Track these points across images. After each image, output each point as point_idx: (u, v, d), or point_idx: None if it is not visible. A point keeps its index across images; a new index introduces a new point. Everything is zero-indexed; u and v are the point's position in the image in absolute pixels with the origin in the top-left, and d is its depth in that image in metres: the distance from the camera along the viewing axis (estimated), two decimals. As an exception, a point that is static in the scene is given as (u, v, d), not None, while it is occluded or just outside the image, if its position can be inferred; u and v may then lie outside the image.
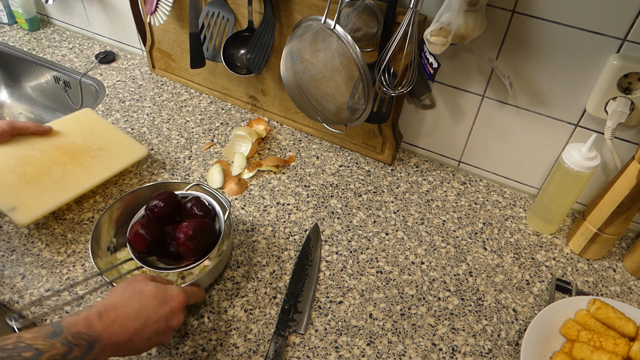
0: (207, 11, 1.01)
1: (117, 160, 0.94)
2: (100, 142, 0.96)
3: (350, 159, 1.06)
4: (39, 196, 0.85)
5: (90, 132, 0.97)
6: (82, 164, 0.91)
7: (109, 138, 0.97)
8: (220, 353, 0.74)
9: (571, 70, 0.81)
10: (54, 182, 0.88)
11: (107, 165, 0.93)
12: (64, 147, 0.93)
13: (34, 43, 1.33)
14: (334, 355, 0.75)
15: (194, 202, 0.77)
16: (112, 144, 0.96)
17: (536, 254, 0.91)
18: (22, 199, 0.84)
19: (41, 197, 0.85)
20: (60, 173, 0.89)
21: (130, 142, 0.98)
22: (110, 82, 1.21)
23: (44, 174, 0.88)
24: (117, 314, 0.58)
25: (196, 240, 0.72)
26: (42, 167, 0.89)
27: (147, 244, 0.72)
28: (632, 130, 0.84)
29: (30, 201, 0.84)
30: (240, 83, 1.13)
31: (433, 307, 0.82)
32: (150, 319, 0.61)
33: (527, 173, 0.99)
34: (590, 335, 0.74)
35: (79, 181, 0.89)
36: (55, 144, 0.93)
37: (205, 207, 0.78)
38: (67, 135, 0.95)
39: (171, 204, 0.77)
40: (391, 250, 0.89)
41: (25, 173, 0.87)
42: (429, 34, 0.76)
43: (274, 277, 0.84)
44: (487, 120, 0.95)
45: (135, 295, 0.61)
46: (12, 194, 0.84)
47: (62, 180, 0.88)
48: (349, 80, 0.84)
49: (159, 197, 0.77)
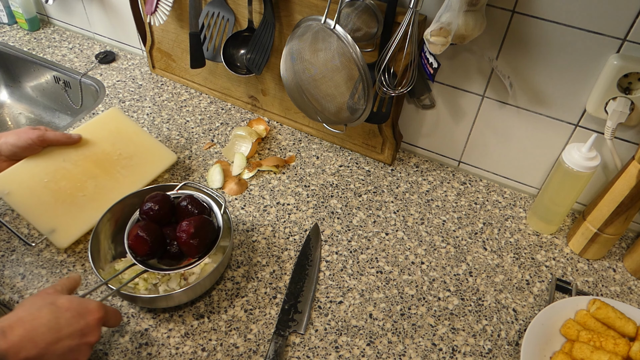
0: (207, 11, 1.01)
1: (147, 170, 0.93)
2: (129, 148, 0.94)
3: (350, 159, 1.06)
4: (75, 215, 0.84)
5: (119, 137, 0.94)
6: (113, 176, 0.90)
7: (137, 143, 0.95)
8: (220, 353, 0.74)
9: (571, 70, 0.81)
10: (88, 199, 0.86)
11: (138, 177, 0.92)
12: (94, 157, 0.90)
13: (34, 43, 1.33)
14: (334, 355, 0.75)
15: (188, 201, 0.77)
16: (140, 151, 0.95)
17: (536, 254, 0.91)
18: (60, 219, 0.82)
19: (78, 216, 0.84)
20: (93, 187, 0.87)
21: (159, 148, 0.97)
22: (110, 82, 1.21)
23: (78, 189, 0.86)
24: (25, 327, 0.55)
25: (198, 237, 0.72)
26: (75, 181, 0.86)
27: (149, 246, 0.70)
28: (632, 130, 0.84)
29: (68, 221, 0.83)
30: (240, 83, 1.13)
31: (433, 307, 0.82)
32: (62, 332, 0.57)
33: (527, 173, 0.99)
34: (590, 335, 0.74)
35: (111, 195, 0.87)
36: (85, 154, 0.90)
37: (200, 204, 0.77)
38: (96, 143, 0.92)
39: (166, 206, 0.75)
40: (391, 250, 0.89)
41: (59, 189, 0.84)
42: (429, 34, 0.76)
43: (274, 277, 0.84)
44: (487, 120, 0.95)
45: (46, 307, 0.57)
46: (50, 214, 0.82)
47: (95, 196, 0.86)
48: (349, 80, 0.84)
49: (152, 199, 0.75)
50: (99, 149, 0.91)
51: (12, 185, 0.82)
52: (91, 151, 0.91)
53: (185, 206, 0.77)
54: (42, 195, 0.83)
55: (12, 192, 0.81)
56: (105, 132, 0.94)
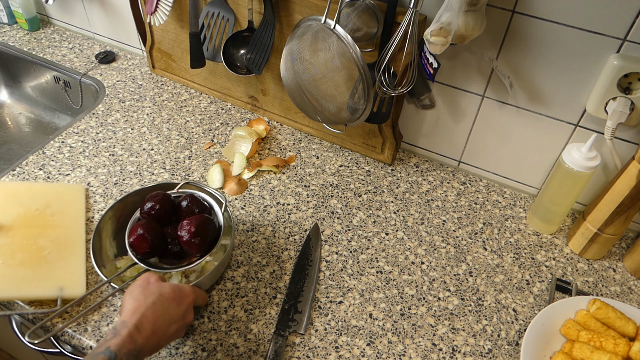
0: (207, 11, 1.01)
1: (73, 209, 0.89)
2: (37, 201, 0.87)
3: (350, 159, 1.06)
4: (62, 267, 0.80)
5: (17, 198, 0.87)
6: (52, 225, 0.85)
7: (37, 195, 0.89)
8: (220, 353, 0.74)
9: (571, 70, 0.81)
10: (56, 251, 0.81)
11: (74, 214, 0.88)
12: (19, 223, 0.84)
13: (34, 43, 1.33)
14: (334, 355, 0.75)
15: (189, 200, 0.77)
16: (49, 198, 0.89)
17: (536, 254, 0.91)
18: (55, 277, 0.78)
19: (64, 266, 0.80)
20: (48, 242, 0.82)
21: (59, 187, 0.93)
22: (110, 82, 1.21)
23: (38, 251, 0.80)
24: (150, 323, 0.62)
25: (200, 236, 0.72)
26: (28, 247, 0.80)
27: (149, 244, 0.71)
28: (632, 130, 0.84)
29: (62, 274, 0.79)
30: (240, 83, 1.13)
31: (433, 307, 0.82)
32: (172, 319, 0.65)
33: (527, 173, 0.99)
34: (590, 335, 0.74)
35: (71, 236, 0.84)
36: (9, 227, 0.82)
37: (201, 203, 0.78)
38: (5, 212, 0.85)
39: (166, 205, 0.76)
40: (391, 250, 0.89)
41: (24, 261, 0.79)
42: (429, 34, 0.76)
43: (274, 277, 0.84)
44: (487, 120, 0.95)
45: (158, 300, 0.64)
46: (41, 281, 0.77)
47: (59, 246, 0.82)
48: (349, 80, 0.84)
49: (153, 199, 0.76)
50: (13, 215, 0.85)
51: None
52: (10, 221, 0.84)
53: (186, 205, 0.77)
54: (17, 271, 0.77)
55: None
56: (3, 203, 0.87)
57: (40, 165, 0.99)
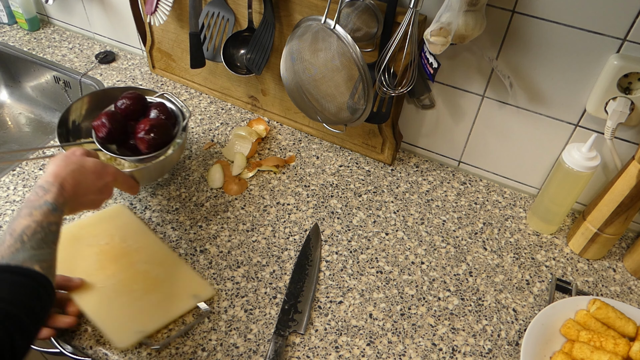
0: (207, 11, 1.01)
1: (131, 224, 0.88)
2: (101, 237, 0.85)
3: (350, 159, 1.06)
4: (179, 277, 0.81)
5: (84, 242, 0.85)
6: (134, 249, 0.84)
7: (94, 230, 0.87)
8: (220, 353, 0.74)
9: (571, 70, 0.81)
10: (160, 266, 0.82)
11: (138, 231, 0.87)
12: (107, 265, 0.82)
13: (34, 43, 1.33)
14: (334, 355, 0.75)
15: (160, 108, 0.87)
16: (105, 227, 0.87)
17: (536, 254, 0.91)
18: (182, 288, 0.79)
19: (180, 276, 0.81)
20: (147, 264, 0.82)
21: (105, 214, 0.89)
22: (110, 82, 1.21)
23: (146, 274, 0.81)
24: (70, 186, 0.68)
25: (152, 134, 0.82)
26: (137, 277, 0.80)
27: (108, 131, 0.82)
28: (632, 130, 0.84)
29: (184, 283, 0.80)
30: (240, 83, 1.13)
31: (433, 307, 0.82)
32: (89, 190, 0.72)
33: (527, 173, 0.99)
34: (590, 335, 0.74)
35: (158, 251, 0.84)
36: (102, 271, 0.80)
37: (168, 112, 0.88)
38: (86, 259, 0.82)
39: (137, 104, 0.86)
40: (391, 250, 0.89)
41: (145, 288, 0.79)
42: (429, 34, 0.76)
43: (274, 277, 0.84)
44: (487, 120, 0.95)
45: (77, 170, 0.70)
46: (173, 296, 0.78)
47: (157, 262, 0.82)
48: (349, 80, 0.84)
49: (127, 96, 0.86)
50: (93, 257, 0.82)
51: None
52: (97, 264, 0.82)
53: (155, 109, 0.87)
54: (150, 302, 0.77)
55: None
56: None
57: (40, 165, 0.99)
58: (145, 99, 0.88)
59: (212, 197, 0.96)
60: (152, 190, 0.96)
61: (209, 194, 0.96)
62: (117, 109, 0.85)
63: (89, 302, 0.76)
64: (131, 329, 0.74)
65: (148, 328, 0.74)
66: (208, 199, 0.95)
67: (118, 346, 0.72)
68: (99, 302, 0.76)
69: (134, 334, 0.73)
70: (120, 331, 0.74)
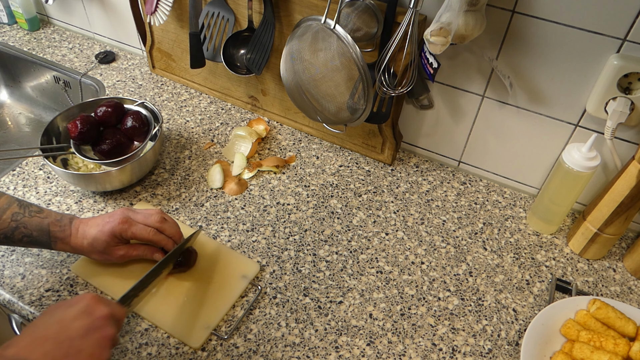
0: (207, 11, 1.01)
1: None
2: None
3: (350, 159, 1.06)
4: (231, 262, 0.84)
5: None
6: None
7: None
8: (220, 353, 0.74)
9: (571, 70, 0.81)
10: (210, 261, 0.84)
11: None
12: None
13: (34, 43, 1.33)
14: (334, 355, 0.75)
15: (134, 116, 0.93)
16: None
17: (536, 254, 0.91)
18: (237, 269, 0.83)
19: (232, 261, 0.84)
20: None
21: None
22: (110, 82, 1.21)
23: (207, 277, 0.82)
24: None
25: (110, 146, 0.90)
26: (201, 281, 0.81)
27: (79, 132, 0.89)
28: (632, 130, 0.84)
29: (237, 267, 0.83)
30: (240, 83, 1.13)
31: (433, 307, 0.82)
32: (70, 329, 0.58)
33: (527, 173, 0.99)
34: (590, 335, 0.74)
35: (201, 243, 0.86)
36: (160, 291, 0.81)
37: (142, 119, 0.94)
38: None
39: (115, 111, 0.93)
40: (391, 250, 0.89)
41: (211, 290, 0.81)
42: (429, 34, 0.76)
43: (274, 277, 0.84)
44: (487, 120, 0.95)
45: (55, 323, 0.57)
46: (235, 277, 0.82)
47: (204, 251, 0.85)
48: (349, 80, 0.84)
49: (107, 104, 0.93)
50: None
51: None
52: None
53: (130, 117, 0.93)
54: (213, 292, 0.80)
55: None
56: None
57: (40, 165, 0.99)
58: (124, 107, 0.96)
59: (212, 197, 0.96)
60: (152, 191, 0.96)
61: (209, 194, 0.96)
62: (95, 114, 0.93)
63: (152, 312, 0.78)
64: (197, 325, 0.76)
65: (213, 321, 0.76)
66: (208, 199, 0.95)
67: (194, 346, 0.74)
68: (161, 309, 0.78)
69: (203, 330, 0.75)
70: (190, 333, 0.75)
